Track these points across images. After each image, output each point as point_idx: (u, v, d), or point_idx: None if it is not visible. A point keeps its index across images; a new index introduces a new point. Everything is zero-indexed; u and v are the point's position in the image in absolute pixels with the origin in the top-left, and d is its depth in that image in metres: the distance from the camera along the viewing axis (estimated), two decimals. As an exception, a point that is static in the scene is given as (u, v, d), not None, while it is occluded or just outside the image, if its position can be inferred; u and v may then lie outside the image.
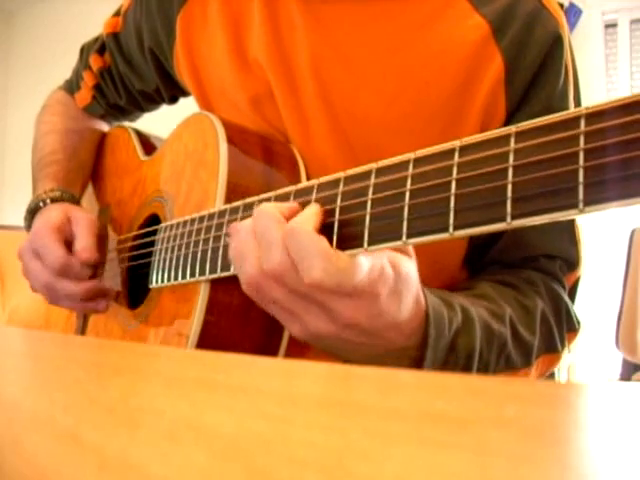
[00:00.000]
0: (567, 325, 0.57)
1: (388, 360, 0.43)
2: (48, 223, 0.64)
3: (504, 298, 0.52)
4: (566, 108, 0.56)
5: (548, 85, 0.55)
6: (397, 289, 0.39)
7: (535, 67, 0.55)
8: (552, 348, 0.55)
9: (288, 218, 0.39)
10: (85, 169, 0.81)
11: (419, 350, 0.44)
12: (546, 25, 0.55)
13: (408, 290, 0.40)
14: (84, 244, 0.63)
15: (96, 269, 0.66)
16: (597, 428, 0.15)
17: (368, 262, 0.38)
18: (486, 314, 0.49)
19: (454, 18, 0.56)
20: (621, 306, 1.74)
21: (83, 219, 0.66)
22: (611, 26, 2.60)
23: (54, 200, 0.70)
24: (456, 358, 0.45)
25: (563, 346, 0.56)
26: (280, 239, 0.38)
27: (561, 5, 2.49)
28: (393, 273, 0.39)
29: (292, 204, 0.41)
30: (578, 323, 0.58)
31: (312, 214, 0.39)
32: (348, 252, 0.38)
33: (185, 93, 0.76)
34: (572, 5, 2.54)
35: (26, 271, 0.66)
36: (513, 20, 0.55)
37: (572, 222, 0.58)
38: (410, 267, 0.41)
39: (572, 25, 2.53)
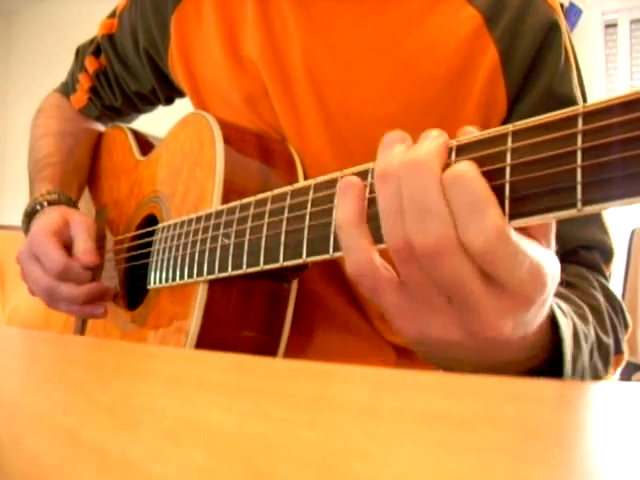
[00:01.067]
0: (624, 323, 0.53)
1: (483, 370, 0.35)
2: (46, 226, 0.64)
3: (579, 299, 0.47)
4: (569, 91, 0.56)
5: (548, 70, 0.55)
6: (549, 297, 0.32)
7: (532, 53, 0.54)
8: (619, 349, 0.51)
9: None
10: (81, 171, 0.81)
11: (531, 362, 0.37)
12: (540, 12, 0.55)
13: (551, 297, 0.33)
14: (84, 247, 0.63)
15: (95, 271, 0.66)
16: (597, 428, 0.15)
17: (531, 248, 0.30)
18: (576, 319, 0.43)
19: (446, 11, 0.56)
20: (621, 306, 1.74)
21: (81, 222, 0.66)
22: (611, 26, 2.60)
23: (51, 203, 0.70)
24: (576, 375, 0.40)
25: (623, 345, 0.52)
26: (442, 201, 0.29)
27: (561, 5, 2.49)
28: (551, 276, 0.31)
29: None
30: (628, 320, 0.54)
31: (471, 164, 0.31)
32: None
33: (181, 94, 0.77)
34: (572, 5, 2.54)
35: (25, 275, 0.66)
36: (505, 9, 0.55)
37: (600, 213, 0.55)
38: (558, 267, 0.33)
39: (572, 25, 2.53)
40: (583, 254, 0.55)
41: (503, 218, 0.29)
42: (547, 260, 0.31)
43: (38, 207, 0.69)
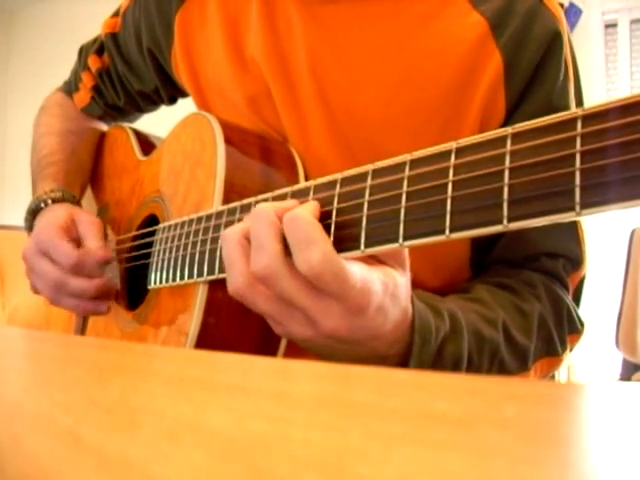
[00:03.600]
0: (569, 327, 0.56)
1: (371, 364, 0.43)
2: (53, 223, 0.64)
3: (499, 302, 0.52)
4: (566, 105, 0.56)
5: (547, 82, 0.55)
6: (384, 306, 0.39)
7: (534, 64, 0.55)
8: (552, 351, 0.55)
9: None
10: (84, 170, 0.81)
11: (402, 358, 0.44)
12: (545, 22, 0.55)
13: (395, 306, 0.40)
14: (97, 244, 0.63)
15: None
16: (597, 428, 0.15)
17: (360, 271, 0.37)
18: (477, 319, 0.48)
19: (452, 16, 0.56)
20: (621, 306, 1.74)
21: (89, 220, 0.66)
22: (611, 26, 2.60)
23: (55, 200, 0.70)
24: (443, 366, 0.45)
25: (564, 349, 0.56)
26: (272, 238, 0.37)
27: (561, 5, 2.49)
28: (382, 290, 0.38)
29: (290, 202, 0.41)
30: (581, 324, 0.57)
31: (313, 206, 0.39)
32: (343, 255, 0.38)
33: (184, 94, 0.76)
34: (572, 5, 2.54)
35: (32, 271, 0.65)
36: (511, 17, 0.55)
37: (575, 220, 0.57)
38: (401, 282, 0.40)
39: (572, 25, 2.53)
40: (544, 261, 0.57)
41: (327, 253, 0.36)
42: (378, 279, 0.38)
43: (42, 205, 0.69)
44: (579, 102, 0.58)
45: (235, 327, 0.52)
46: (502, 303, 0.52)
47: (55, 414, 0.18)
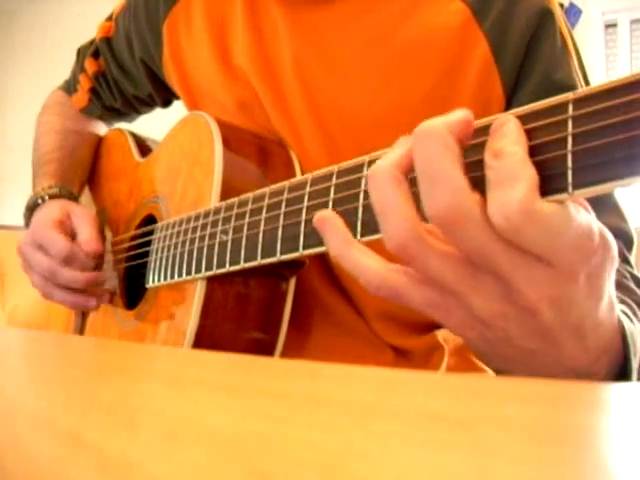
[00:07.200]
0: None
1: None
2: (49, 218, 0.65)
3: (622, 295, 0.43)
4: (567, 77, 0.55)
5: (543, 57, 0.54)
6: (598, 272, 0.28)
7: (525, 42, 0.53)
8: None
9: (463, 140, 0.29)
10: (83, 168, 0.82)
11: (606, 377, 0.33)
12: (530, 1, 0.54)
13: (609, 281, 0.29)
14: (88, 236, 0.64)
15: (96, 266, 0.67)
16: (597, 428, 0.15)
17: (578, 216, 0.27)
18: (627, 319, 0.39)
19: (434, 6, 0.56)
20: (621, 306, 1.74)
21: (83, 214, 0.67)
22: (611, 26, 2.61)
23: (52, 197, 0.71)
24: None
25: None
26: (453, 168, 0.27)
27: (561, 5, 2.49)
28: (600, 242, 0.27)
29: (464, 115, 0.31)
30: None
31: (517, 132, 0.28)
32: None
33: (178, 96, 0.77)
34: (572, 5, 2.55)
35: (27, 265, 0.66)
36: (494, 0, 0.54)
37: (616, 200, 0.53)
38: (615, 245, 0.29)
39: (572, 25, 2.53)
40: None
41: (530, 195, 0.26)
42: (596, 229, 0.27)
43: (39, 201, 0.70)
44: (583, 74, 0.57)
45: (233, 324, 0.52)
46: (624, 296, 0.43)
47: (55, 414, 0.18)
